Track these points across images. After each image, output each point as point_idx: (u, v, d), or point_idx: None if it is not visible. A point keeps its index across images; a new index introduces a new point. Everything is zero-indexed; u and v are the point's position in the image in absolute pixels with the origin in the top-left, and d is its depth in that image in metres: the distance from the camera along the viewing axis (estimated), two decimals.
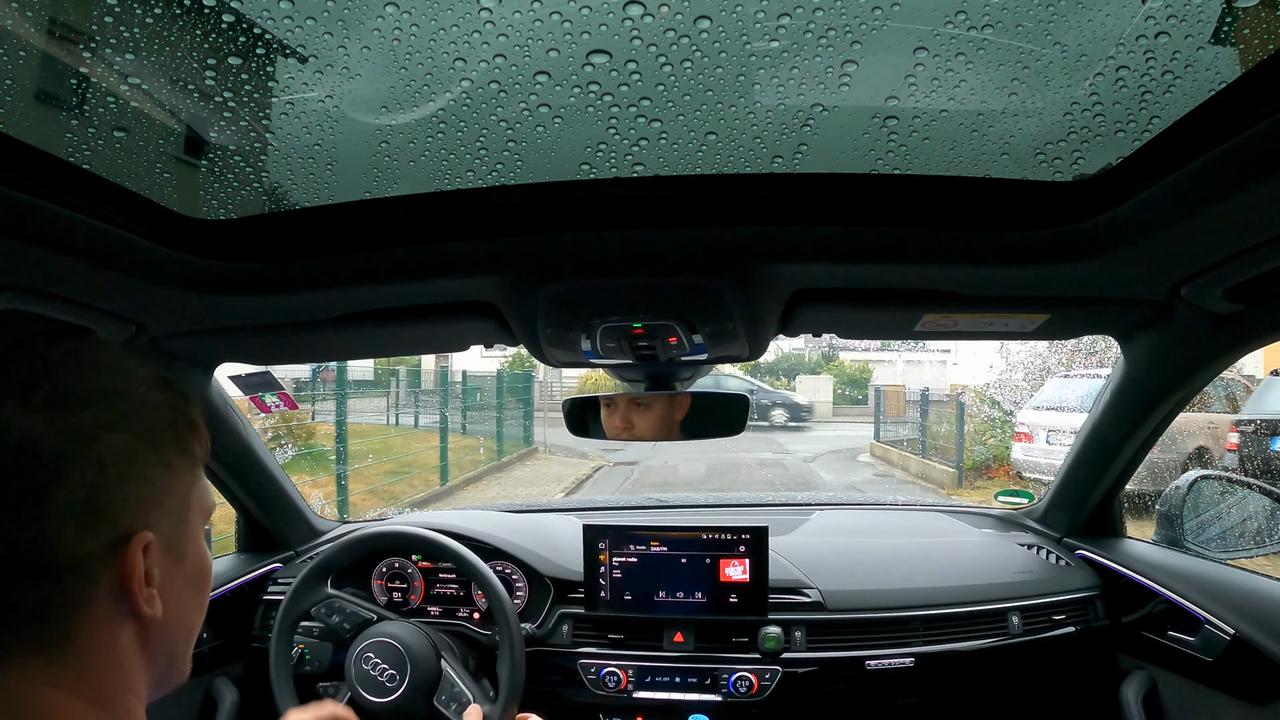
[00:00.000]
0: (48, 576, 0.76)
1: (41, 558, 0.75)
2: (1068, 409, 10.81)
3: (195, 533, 0.91)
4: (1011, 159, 1.07)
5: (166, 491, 0.84)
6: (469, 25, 0.86)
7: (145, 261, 1.20)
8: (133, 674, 0.83)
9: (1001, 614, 2.21)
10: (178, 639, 0.90)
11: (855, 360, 35.33)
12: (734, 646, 2.20)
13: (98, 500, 0.77)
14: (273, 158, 1.12)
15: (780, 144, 1.05)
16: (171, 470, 0.85)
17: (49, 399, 0.76)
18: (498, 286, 1.39)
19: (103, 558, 0.78)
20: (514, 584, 2.33)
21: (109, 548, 0.78)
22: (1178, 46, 0.86)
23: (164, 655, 0.88)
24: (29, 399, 0.75)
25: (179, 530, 0.87)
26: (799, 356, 36.01)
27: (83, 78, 0.95)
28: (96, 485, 0.77)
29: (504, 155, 1.09)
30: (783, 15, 0.86)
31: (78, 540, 0.76)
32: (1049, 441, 11.02)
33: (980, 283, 1.36)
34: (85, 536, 0.77)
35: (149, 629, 0.83)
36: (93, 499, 0.77)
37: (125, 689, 0.82)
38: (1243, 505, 2.29)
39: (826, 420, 28.97)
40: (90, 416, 0.78)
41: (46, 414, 0.75)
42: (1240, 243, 1.15)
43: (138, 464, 0.81)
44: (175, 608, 0.86)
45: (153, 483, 0.83)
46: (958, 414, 14.30)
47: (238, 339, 1.64)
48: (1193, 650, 1.97)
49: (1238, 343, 1.56)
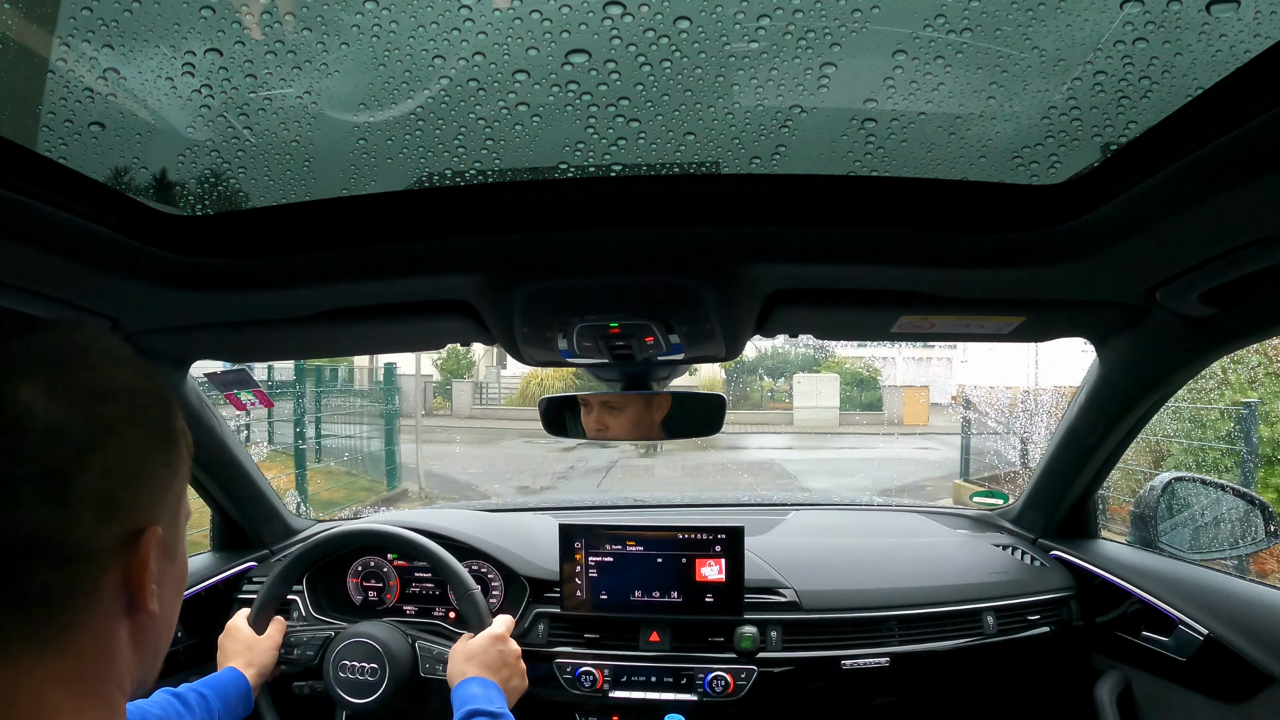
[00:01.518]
0: (61, 564, 0.75)
1: (56, 544, 0.74)
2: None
3: (183, 533, 0.91)
4: (989, 162, 1.07)
5: (169, 490, 0.85)
6: (448, 23, 0.86)
7: (121, 257, 1.19)
8: (122, 672, 0.83)
9: (976, 614, 2.22)
10: (162, 638, 0.89)
11: (849, 356, 27.48)
12: (710, 646, 2.19)
13: (116, 492, 0.77)
14: (250, 153, 1.11)
15: (759, 144, 1.05)
16: (172, 469, 0.85)
17: (73, 387, 0.76)
18: (474, 285, 1.39)
19: (115, 550, 0.78)
20: (490, 583, 2.32)
21: (122, 541, 0.78)
22: (1155, 52, 0.87)
23: (150, 654, 0.87)
24: (54, 386, 0.75)
25: (174, 530, 0.87)
26: (782, 354, 28.25)
27: (58, 72, 0.94)
28: (116, 477, 0.77)
29: (482, 154, 1.08)
30: (762, 16, 0.86)
31: (94, 530, 0.76)
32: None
33: (957, 285, 1.37)
34: (101, 527, 0.77)
35: (141, 627, 0.83)
36: (111, 490, 0.77)
37: (114, 687, 0.82)
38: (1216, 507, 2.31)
39: (832, 431, 22.82)
40: (114, 409, 0.78)
41: (71, 402, 0.75)
42: (1216, 247, 1.16)
43: (150, 460, 0.82)
44: (165, 607, 0.86)
45: (160, 480, 0.83)
46: (1243, 428, 7.15)
47: (214, 335, 1.63)
48: (1167, 650, 1.98)
49: (1212, 346, 1.58)
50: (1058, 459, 2.28)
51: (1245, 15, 0.81)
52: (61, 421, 0.74)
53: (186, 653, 2.21)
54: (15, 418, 0.73)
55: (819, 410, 24.05)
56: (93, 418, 0.77)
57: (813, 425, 23.14)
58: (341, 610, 2.30)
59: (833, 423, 23.63)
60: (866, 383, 26.69)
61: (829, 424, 23.48)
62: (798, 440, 21.60)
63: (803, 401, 24.86)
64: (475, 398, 27.72)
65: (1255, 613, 1.82)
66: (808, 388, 25.22)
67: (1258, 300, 1.35)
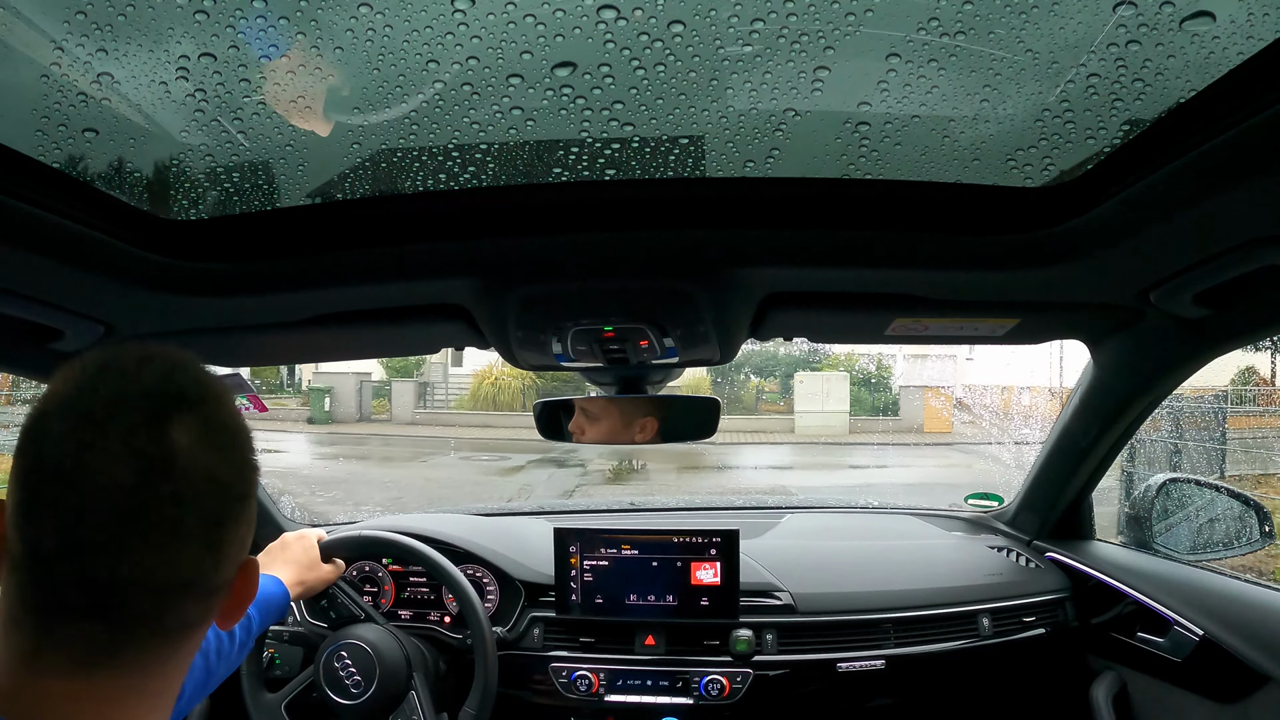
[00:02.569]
0: (203, 598, 0.79)
1: (204, 583, 0.77)
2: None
3: None
4: (983, 164, 1.08)
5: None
6: (442, 27, 0.86)
7: (115, 262, 1.19)
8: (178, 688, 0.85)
9: (972, 616, 2.22)
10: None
11: (859, 353, 22.46)
12: (705, 649, 2.20)
13: (250, 535, 0.82)
14: (244, 158, 1.11)
15: (752, 148, 1.05)
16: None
17: (215, 429, 0.77)
18: (469, 289, 1.39)
19: (232, 581, 0.82)
20: (485, 587, 2.31)
21: (238, 572, 0.83)
22: (1148, 54, 0.87)
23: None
24: (201, 428, 0.75)
25: None
26: (770, 351, 23.15)
27: (52, 76, 0.94)
28: (252, 522, 0.82)
29: (475, 157, 1.08)
30: (756, 20, 0.86)
31: (230, 568, 0.81)
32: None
33: (951, 287, 1.37)
34: (234, 564, 0.81)
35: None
36: (249, 535, 0.82)
37: (176, 697, 0.84)
38: (1211, 508, 2.32)
39: (840, 441, 19.22)
40: (247, 452, 0.81)
41: (219, 446, 0.77)
42: (1209, 249, 1.16)
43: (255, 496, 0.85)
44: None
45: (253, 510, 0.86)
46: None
47: (208, 340, 1.62)
48: (1162, 651, 1.99)
49: (1206, 348, 1.58)
50: (1052, 461, 2.29)
51: (1237, 18, 0.81)
52: (221, 472, 0.76)
53: None
54: (178, 464, 0.73)
55: (825, 415, 20.59)
56: (244, 467, 0.80)
57: (818, 433, 20.02)
58: (336, 614, 2.30)
59: (842, 430, 20.23)
60: (877, 384, 22.89)
61: (837, 432, 20.11)
62: (803, 455, 18.76)
63: (806, 405, 21.25)
64: (421, 400, 24.45)
65: (1250, 613, 1.83)
66: (812, 388, 21.37)
67: (1251, 301, 1.35)
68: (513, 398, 22.77)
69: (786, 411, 22.77)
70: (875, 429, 19.79)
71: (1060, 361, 14.24)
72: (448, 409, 24.02)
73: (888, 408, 21.75)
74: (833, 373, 22.11)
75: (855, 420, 20.81)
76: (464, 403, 23.85)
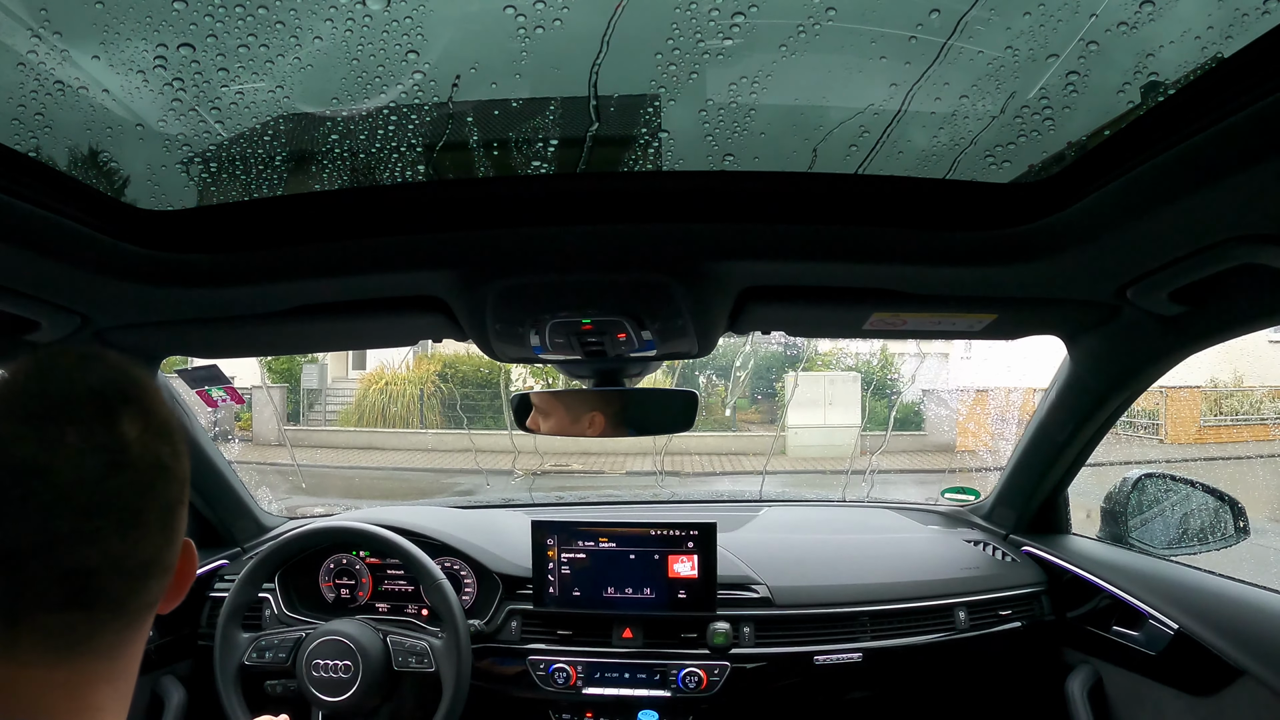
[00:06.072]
0: (161, 577, 0.83)
1: (161, 564, 0.82)
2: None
3: None
4: (961, 161, 1.08)
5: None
6: (421, 18, 0.86)
7: (91, 252, 1.18)
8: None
9: (948, 609, 2.23)
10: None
11: (858, 350, 15.29)
12: (683, 642, 2.20)
13: (186, 512, 0.86)
14: (221, 148, 1.10)
15: (731, 141, 1.06)
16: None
17: (157, 422, 0.81)
18: (446, 281, 1.38)
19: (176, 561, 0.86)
20: (462, 580, 2.31)
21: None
22: (1127, 53, 0.88)
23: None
24: (143, 420, 0.79)
25: None
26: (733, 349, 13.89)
27: (29, 64, 0.93)
28: (189, 503, 0.86)
29: (454, 149, 1.08)
30: (736, 14, 0.86)
31: (178, 548, 0.86)
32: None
33: (929, 282, 1.38)
34: (179, 544, 0.86)
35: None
36: (187, 515, 0.86)
37: (133, 682, 0.86)
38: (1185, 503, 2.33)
39: (856, 469, 12.01)
40: (185, 439, 0.85)
41: (162, 436, 0.81)
42: (1186, 246, 1.16)
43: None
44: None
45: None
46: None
47: (184, 331, 1.61)
48: (1137, 645, 2.00)
49: (1182, 344, 1.59)
50: (1028, 456, 2.30)
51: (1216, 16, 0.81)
52: (167, 460, 0.81)
53: (158, 651, 2.19)
54: (133, 455, 0.77)
55: (829, 432, 13.37)
56: (183, 454, 0.84)
57: (820, 458, 12.61)
58: (314, 608, 2.29)
59: (849, 450, 12.36)
60: (883, 386, 15.66)
61: (843, 454, 12.18)
62: (800, 487, 10.72)
63: (802, 418, 14.03)
64: (300, 412, 18.16)
65: (1224, 607, 1.84)
66: (810, 393, 14.23)
67: (1228, 298, 1.36)
68: (407, 409, 16.88)
69: (755, 417, 17.03)
70: (895, 448, 13.54)
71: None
72: (324, 425, 18.03)
73: (910, 421, 14.85)
74: (838, 373, 15.08)
75: (874, 435, 12.95)
76: (347, 417, 17.81)
